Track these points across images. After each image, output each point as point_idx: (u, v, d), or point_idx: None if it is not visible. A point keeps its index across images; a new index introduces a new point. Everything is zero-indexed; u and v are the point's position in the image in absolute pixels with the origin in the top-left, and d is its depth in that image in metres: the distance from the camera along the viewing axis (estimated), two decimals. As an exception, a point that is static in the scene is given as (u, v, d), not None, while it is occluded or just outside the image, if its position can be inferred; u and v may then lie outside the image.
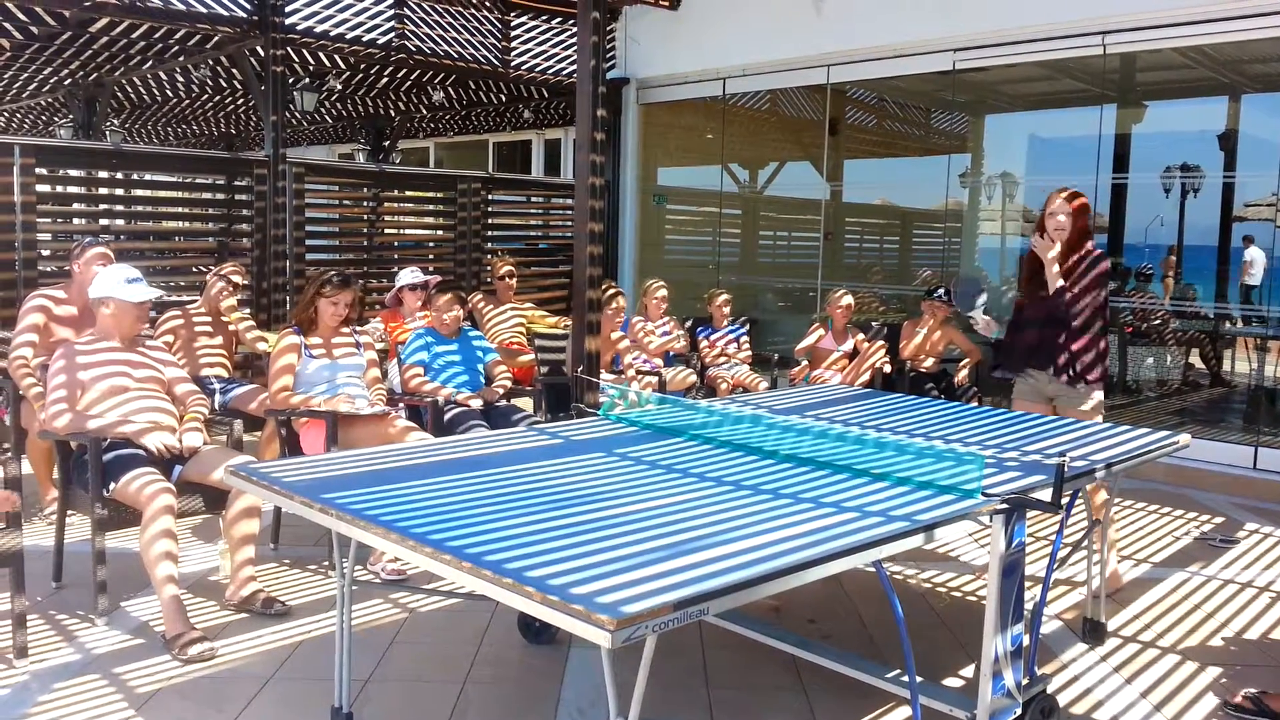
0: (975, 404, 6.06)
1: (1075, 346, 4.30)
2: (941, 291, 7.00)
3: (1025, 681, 2.94)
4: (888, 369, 6.95)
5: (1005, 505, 2.71)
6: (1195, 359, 8.40)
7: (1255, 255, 8.28)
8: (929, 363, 7.00)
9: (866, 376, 6.86)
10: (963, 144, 10.00)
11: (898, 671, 3.13)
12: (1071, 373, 4.29)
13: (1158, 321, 8.20)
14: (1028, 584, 2.88)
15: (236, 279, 6.11)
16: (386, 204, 8.91)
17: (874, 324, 7.46)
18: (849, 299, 7.12)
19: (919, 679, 2.75)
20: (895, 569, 4.65)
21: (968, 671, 3.54)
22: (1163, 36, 6.64)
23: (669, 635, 1.93)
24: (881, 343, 7.09)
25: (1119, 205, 8.66)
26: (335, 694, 2.90)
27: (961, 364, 6.91)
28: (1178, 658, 3.74)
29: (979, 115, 9.73)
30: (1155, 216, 8.72)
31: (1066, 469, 2.80)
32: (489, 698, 3.30)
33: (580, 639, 1.91)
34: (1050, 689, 3.23)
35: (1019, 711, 2.89)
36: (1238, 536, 5.33)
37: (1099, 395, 4.36)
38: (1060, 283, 4.30)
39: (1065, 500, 2.90)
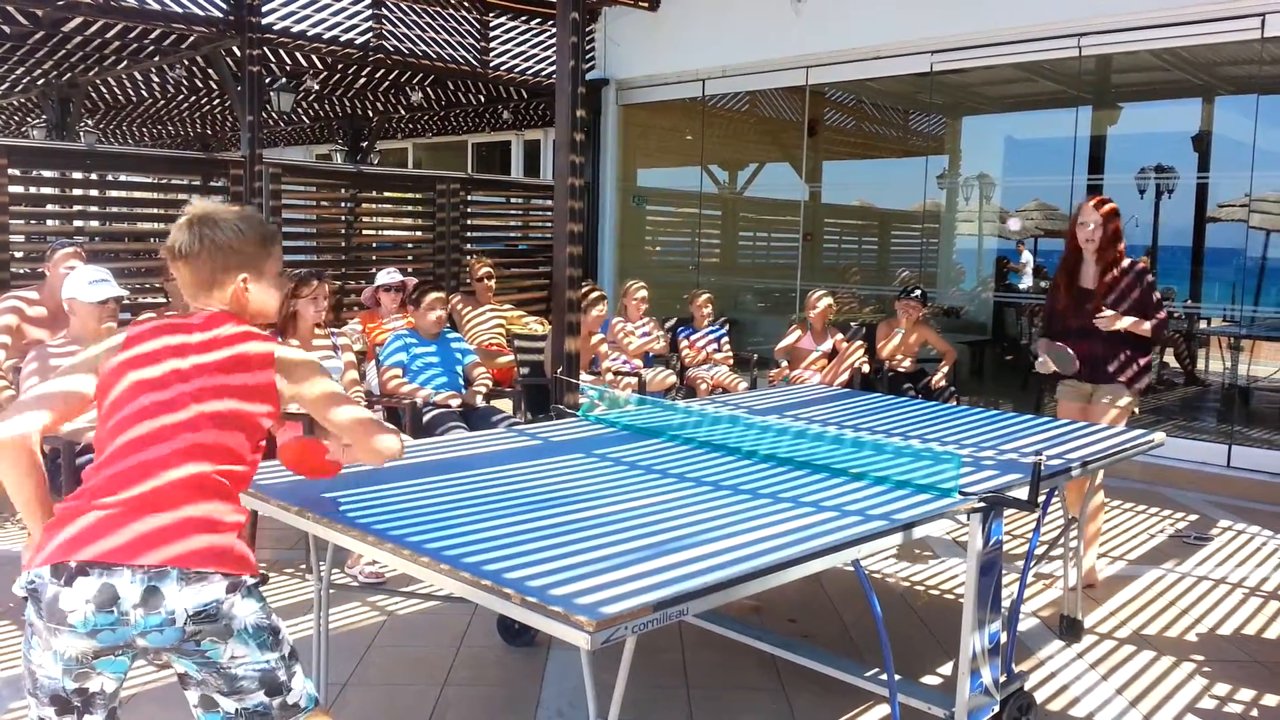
0: (952, 403, 6.09)
1: (1123, 355, 4.34)
2: (917, 291, 7.03)
3: (1003, 679, 2.96)
4: (866, 369, 6.98)
5: (982, 504, 2.73)
6: (1170, 358, 8.49)
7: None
8: (906, 363, 7.04)
9: (845, 376, 6.88)
10: (940, 145, 10.06)
11: (876, 670, 3.14)
12: (1118, 378, 4.36)
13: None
14: (1005, 581, 2.90)
15: None
16: (364, 205, 8.86)
17: (853, 324, 7.48)
18: (828, 299, 7.14)
19: (898, 677, 2.76)
20: (874, 568, 4.67)
21: (946, 669, 3.56)
22: (1137, 39, 6.70)
23: (649, 636, 1.93)
24: (860, 343, 7.12)
25: (1094, 206, 8.72)
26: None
27: (940, 364, 6.94)
28: (1153, 654, 3.77)
29: (956, 117, 9.80)
30: (1130, 217, 8.80)
31: (1042, 467, 2.82)
32: (468, 700, 3.29)
33: (560, 640, 1.91)
34: (1028, 686, 3.25)
35: (997, 709, 2.91)
36: (1211, 534, 5.38)
37: (1129, 398, 4.38)
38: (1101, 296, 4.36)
39: (1041, 498, 2.92)
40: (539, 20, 10.03)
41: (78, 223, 7.41)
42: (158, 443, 1.93)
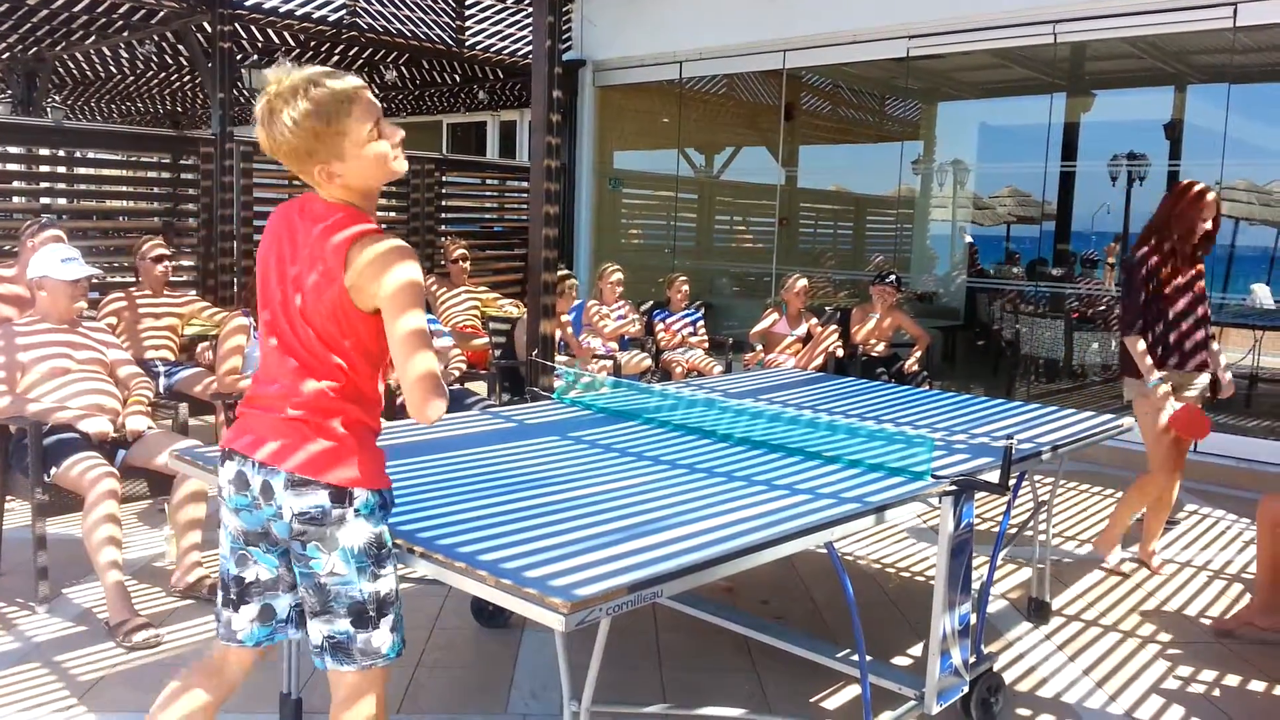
0: (925, 388, 6.13)
1: (1205, 335, 4.56)
2: (891, 276, 7.07)
3: (972, 660, 2.99)
4: (840, 353, 7.01)
5: (954, 487, 2.75)
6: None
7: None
8: (880, 347, 7.08)
9: (820, 361, 6.92)
10: (915, 131, 10.09)
11: (848, 651, 3.17)
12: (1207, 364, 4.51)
13: (1102, 307, 8.37)
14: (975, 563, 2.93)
15: (164, 255, 5.94)
16: (338, 184, 8.77)
17: (827, 309, 7.52)
18: (803, 283, 7.16)
19: (869, 658, 2.79)
20: (846, 550, 4.70)
21: (916, 650, 3.59)
22: (1112, 26, 6.74)
23: (623, 617, 1.94)
24: (834, 327, 7.15)
25: (1066, 192, 8.81)
26: (284, 680, 2.87)
27: (913, 349, 6.99)
28: (1120, 635, 3.83)
29: (932, 102, 9.83)
30: (1101, 204, 8.88)
31: (1013, 451, 2.85)
32: (441, 681, 3.29)
33: (534, 622, 1.91)
34: (996, 667, 3.29)
35: (966, 689, 2.94)
36: (1178, 518, 5.46)
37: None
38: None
39: (1012, 482, 2.95)
40: None
41: (45, 200, 7.29)
42: (281, 359, 2.05)
